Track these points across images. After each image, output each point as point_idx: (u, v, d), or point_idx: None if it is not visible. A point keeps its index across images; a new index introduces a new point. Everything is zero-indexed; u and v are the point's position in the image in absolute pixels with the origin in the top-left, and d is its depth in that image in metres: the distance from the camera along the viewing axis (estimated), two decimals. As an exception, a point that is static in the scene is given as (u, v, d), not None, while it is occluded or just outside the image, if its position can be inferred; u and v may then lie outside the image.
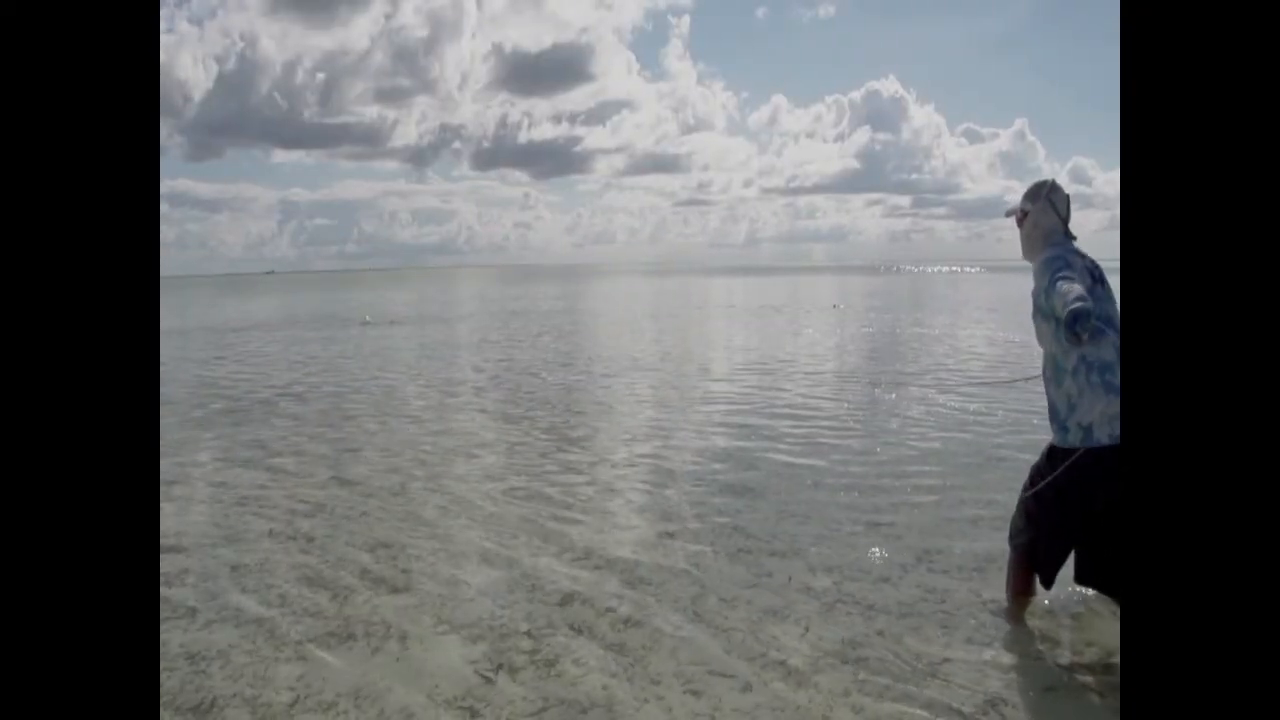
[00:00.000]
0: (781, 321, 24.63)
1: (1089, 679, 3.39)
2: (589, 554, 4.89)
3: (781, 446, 7.58)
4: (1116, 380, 3.36)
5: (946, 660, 3.51)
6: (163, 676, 3.43)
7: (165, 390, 11.54)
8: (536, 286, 63.64)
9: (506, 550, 4.98)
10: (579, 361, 14.99)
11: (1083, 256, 3.58)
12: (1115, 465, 3.32)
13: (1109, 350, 3.40)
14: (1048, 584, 3.80)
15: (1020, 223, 3.80)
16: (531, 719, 3.13)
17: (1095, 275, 3.53)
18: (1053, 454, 3.63)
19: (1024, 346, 14.91)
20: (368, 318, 26.36)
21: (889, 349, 16.34)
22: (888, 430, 8.37)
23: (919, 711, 3.11)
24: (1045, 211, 3.69)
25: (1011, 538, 3.90)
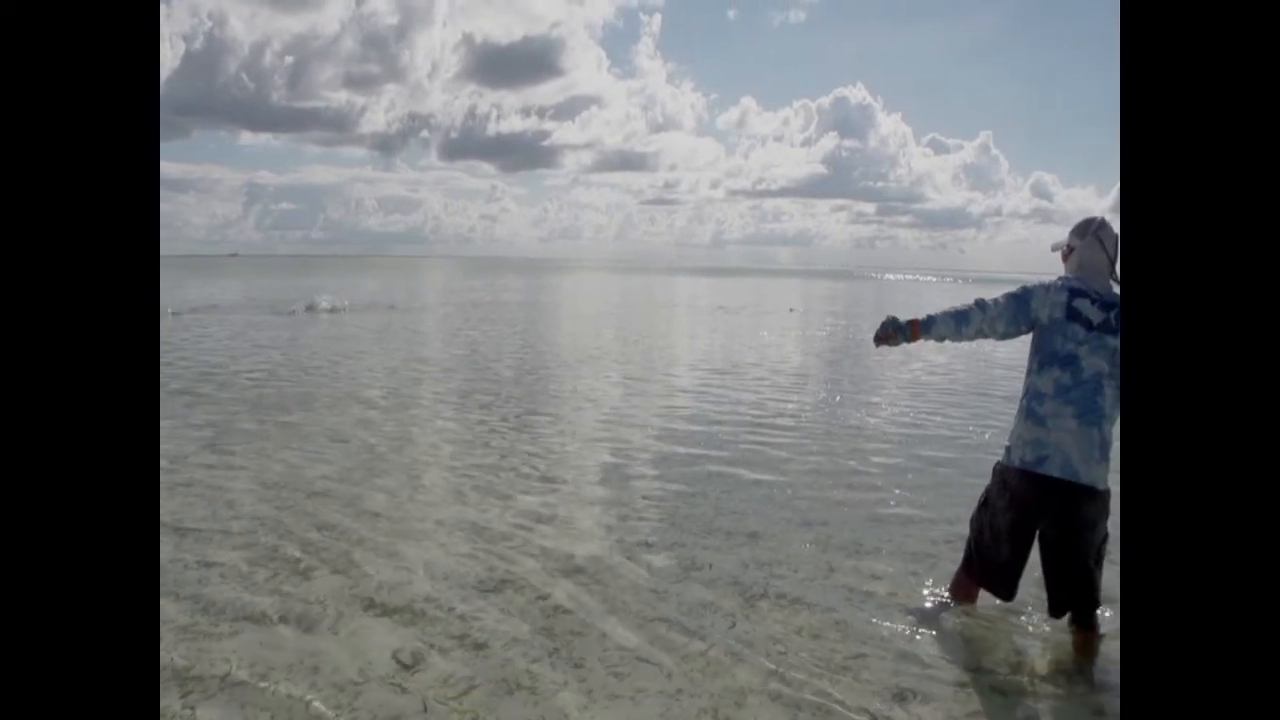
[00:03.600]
0: (737, 322, 24.86)
1: (1001, 678, 3.52)
2: (527, 543, 4.98)
3: (722, 452, 7.68)
4: (1041, 410, 3.48)
5: (861, 655, 3.64)
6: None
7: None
8: (501, 278, 63.33)
9: (444, 537, 5.06)
10: (537, 353, 15.04)
11: (1094, 296, 3.51)
12: (1024, 487, 3.53)
13: (1047, 382, 3.49)
14: (1002, 597, 3.80)
15: (1065, 258, 3.76)
16: (459, 699, 3.22)
17: (1086, 318, 3.47)
18: (994, 467, 3.81)
19: (971, 357, 15.21)
20: (322, 302, 25.54)
21: (836, 352, 16.57)
22: (824, 431, 8.55)
23: (834, 705, 3.24)
24: (1092, 247, 3.62)
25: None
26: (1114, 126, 1.94)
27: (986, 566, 3.80)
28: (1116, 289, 3.56)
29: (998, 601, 3.90)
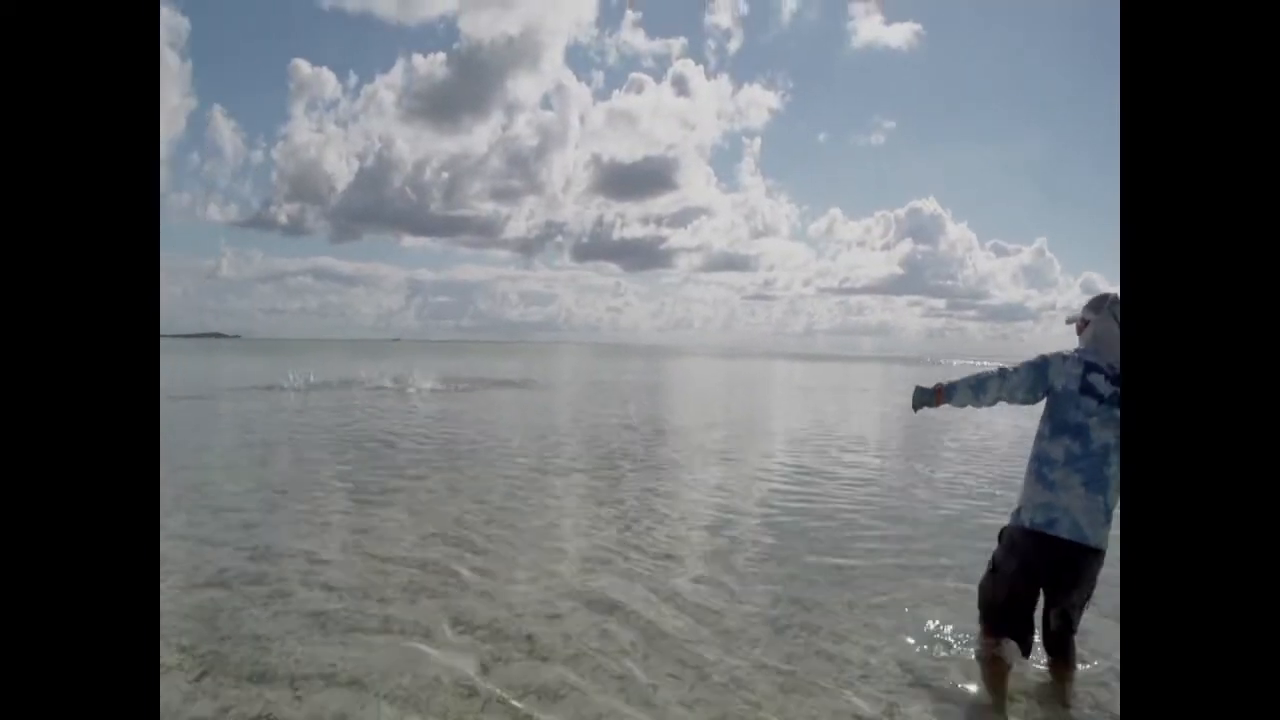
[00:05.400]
0: (814, 397, 24.49)
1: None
2: (626, 574, 4.95)
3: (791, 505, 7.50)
4: (1052, 476, 3.23)
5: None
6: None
7: (306, 437, 11.95)
8: (626, 362, 63.91)
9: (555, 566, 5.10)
10: (656, 423, 15.11)
11: (1106, 371, 3.27)
12: (1033, 547, 3.24)
13: (1058, 449, 3.25)
14: (1023, 652, 3.44)
15: (1080, 330, 3.51)
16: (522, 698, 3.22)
17: (1099, 392, 3.24)
18: (1001, 530, 3.53)
19: (1019, 428, 14.52)
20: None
21: (880, 423, 16.12)
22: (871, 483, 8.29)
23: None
24: (1106, 321, 3.38)
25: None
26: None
27: (1001, 627, 3.45)
28: None
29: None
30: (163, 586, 4.53)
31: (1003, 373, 3.46)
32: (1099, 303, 3.45)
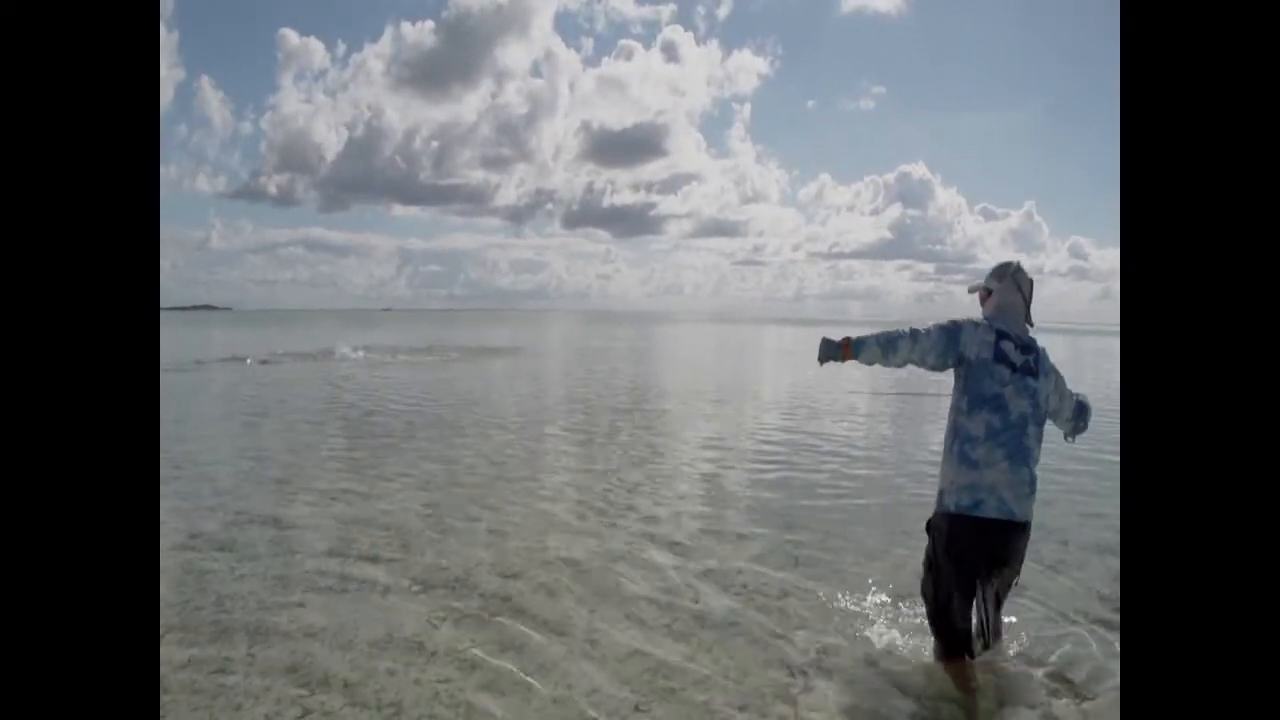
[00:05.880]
0: (801, 359, 24.70)
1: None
2: (643, 534, 5.15)
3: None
4: (974, 454, 3.08)
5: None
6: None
7: (301, 406, 12.07)
8: (617, 329, 64.01)
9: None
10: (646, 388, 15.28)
11: (1015, 339, 3.19)
12: (962, 532, 3.10)
13: (978, 425, 3.10)
14: (970, 655, 3.25)
15: (984, 300, 3.40)
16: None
17: (1011, 360, 3.14)
18: (931, 519, 3.31)
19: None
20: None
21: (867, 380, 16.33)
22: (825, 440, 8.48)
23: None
24: (1009, 291, 3.30)
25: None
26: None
27: (958, 644, 3.24)
28: (1031, 332, 3.29)
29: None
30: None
31: (914, 334, 3.22)
32: (1002, 271, 3.36)
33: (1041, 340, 3.34)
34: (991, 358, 3.14)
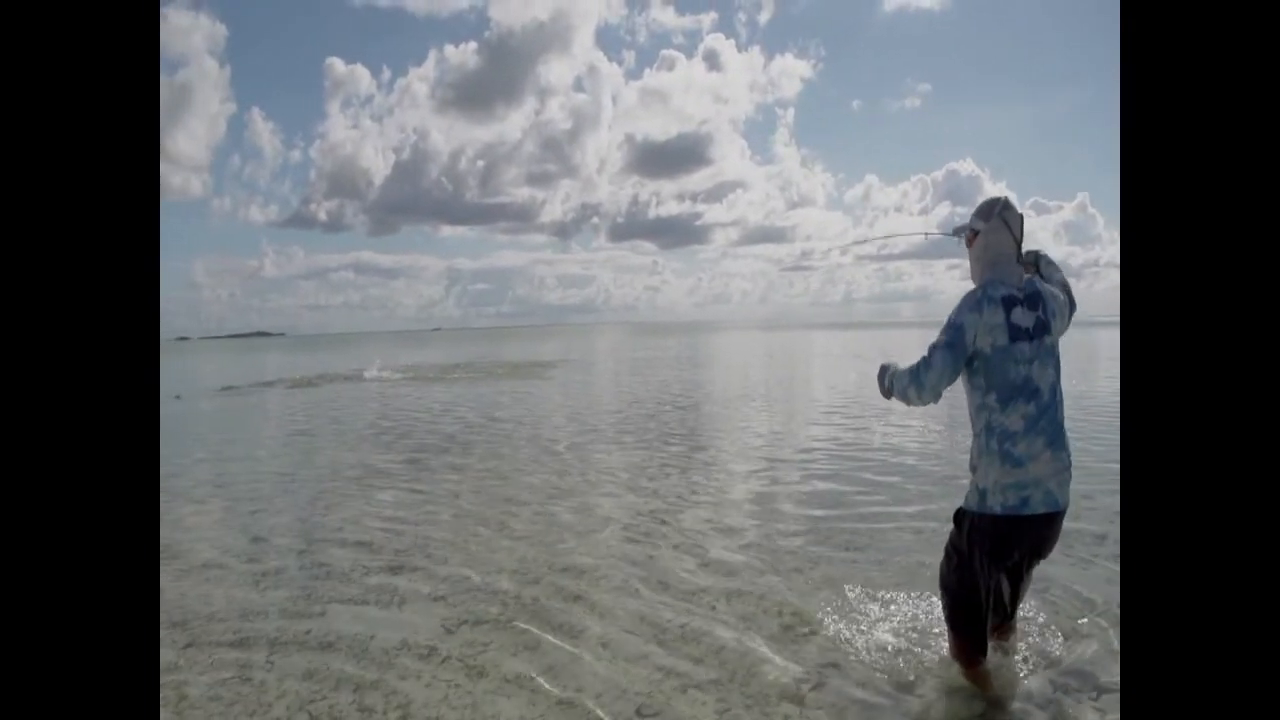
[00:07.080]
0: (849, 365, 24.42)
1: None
2: (690, 547, 5.19)
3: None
4: (1017, 452, 2.81)
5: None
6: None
7: (350, 425, 12.30)
8: (665, 340, 64.05)
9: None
10: (696, 394, 15.27)
11: (1020, 297, 2.89)
12: (1009, 532, 2.88)
13: (1015, 419, 2.83)
14: (980, 650, 3.12)
15: (970, 243, 3.06)
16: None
17: (1025, 329, 2.85)
18: (958, 516, 3.06)
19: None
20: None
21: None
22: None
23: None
24: (998, 230, 2.96)
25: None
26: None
27: (977, 646, 3.11)
28: (1024, 275, 2.99)
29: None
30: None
31: (918, 382, 2.94)
32: (989, 209, 3.01)
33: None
34: (1009, 340, 2.83)
